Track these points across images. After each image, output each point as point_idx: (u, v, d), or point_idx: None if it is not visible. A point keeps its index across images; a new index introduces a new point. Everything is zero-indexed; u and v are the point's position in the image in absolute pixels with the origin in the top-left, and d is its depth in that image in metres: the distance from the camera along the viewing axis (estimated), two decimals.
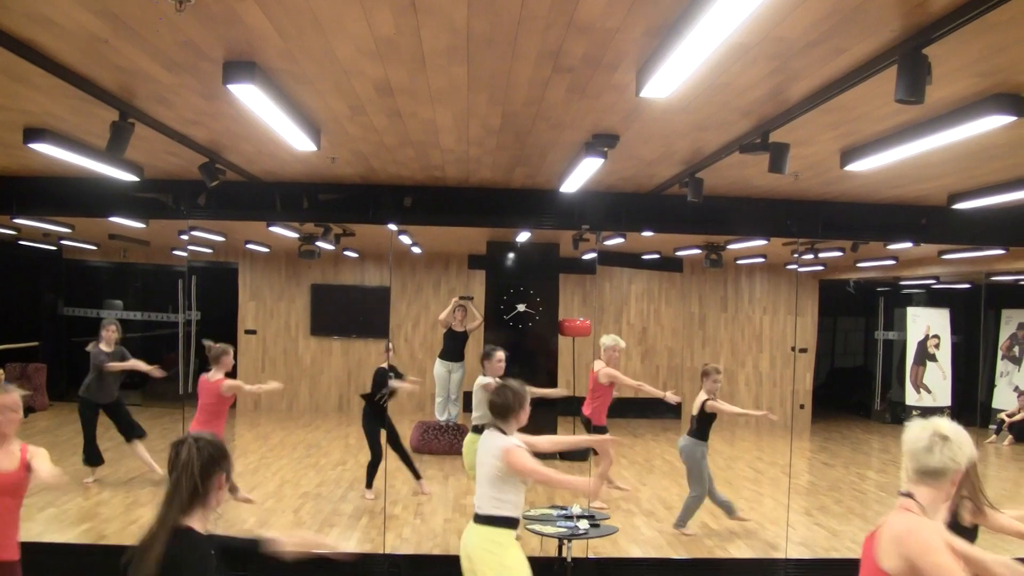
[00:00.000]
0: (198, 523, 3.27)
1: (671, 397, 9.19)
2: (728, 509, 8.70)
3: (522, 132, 5.74)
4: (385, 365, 9.58)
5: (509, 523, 5.13)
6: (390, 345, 9.90)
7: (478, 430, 7.55)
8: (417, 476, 9.55)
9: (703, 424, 8.48)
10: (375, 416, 9.35)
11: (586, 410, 9.27)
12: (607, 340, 9.39)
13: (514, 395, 5.21)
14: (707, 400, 8.41)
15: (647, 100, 4.56)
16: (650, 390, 9.26)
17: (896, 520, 3.27)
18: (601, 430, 8.97)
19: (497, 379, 7.40)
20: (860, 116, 4.95)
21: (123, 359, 9.87)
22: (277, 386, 9.01)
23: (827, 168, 6.32)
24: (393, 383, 9.36)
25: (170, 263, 11.96)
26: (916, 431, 3.38)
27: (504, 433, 5.15)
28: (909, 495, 3.34)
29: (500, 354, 8.05)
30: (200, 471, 3.26)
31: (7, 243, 11.33)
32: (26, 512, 5.43)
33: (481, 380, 7.76)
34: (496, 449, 5.11)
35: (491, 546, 5.05)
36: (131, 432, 9.74)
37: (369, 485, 9.38)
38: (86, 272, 13.23)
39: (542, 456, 5.18)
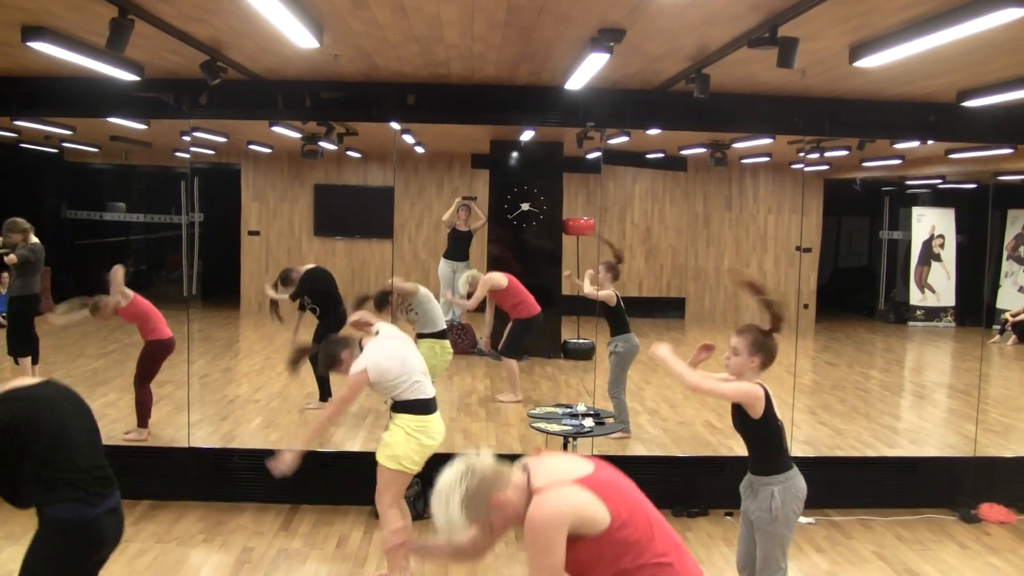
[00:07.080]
0: None
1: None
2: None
3: (527, 27, 5.66)
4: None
5: None
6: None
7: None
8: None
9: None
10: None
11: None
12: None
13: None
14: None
15: None
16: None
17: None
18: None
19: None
20: (871, 9, 4.86)
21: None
22: None
23: (836, 64, 6.24)
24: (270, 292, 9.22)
25: (172, 164, 11.90)
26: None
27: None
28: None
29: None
30: None
31: (8, 146, 11.27)
32: None
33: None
34: None
35: None
36: None
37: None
38: (88, 175, 13.19)
39: None
